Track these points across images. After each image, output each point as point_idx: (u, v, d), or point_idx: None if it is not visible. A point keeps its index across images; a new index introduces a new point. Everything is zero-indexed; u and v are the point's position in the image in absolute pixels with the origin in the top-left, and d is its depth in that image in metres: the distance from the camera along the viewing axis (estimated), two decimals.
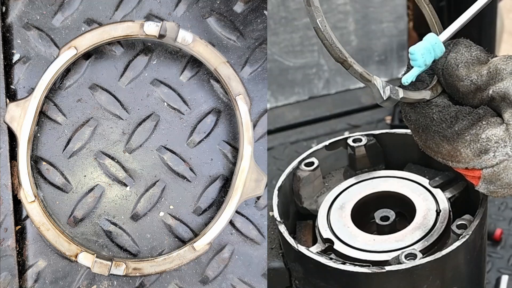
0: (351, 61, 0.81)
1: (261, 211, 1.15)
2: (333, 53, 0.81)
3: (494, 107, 0.85)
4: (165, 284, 1.12)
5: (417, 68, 0.86)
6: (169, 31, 1.09)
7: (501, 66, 0.84)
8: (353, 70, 0.82)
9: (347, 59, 0.81)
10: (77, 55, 1.09)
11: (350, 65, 0.81)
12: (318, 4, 0.80)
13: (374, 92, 0.83)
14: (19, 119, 1.07)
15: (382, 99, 0.83)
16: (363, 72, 0.82)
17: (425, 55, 0.86)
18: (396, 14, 1.99)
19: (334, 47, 0.81)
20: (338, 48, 0.81)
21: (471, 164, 0.84)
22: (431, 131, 0.85)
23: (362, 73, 0.82)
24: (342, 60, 0.81)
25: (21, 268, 1.10)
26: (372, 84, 0.82)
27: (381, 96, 0.83)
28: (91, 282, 1.10)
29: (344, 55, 0.81)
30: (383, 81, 0.83)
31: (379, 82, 0.82)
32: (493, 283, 1.43)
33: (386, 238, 0.93)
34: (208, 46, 1.11)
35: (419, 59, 0.86)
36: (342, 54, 0.81)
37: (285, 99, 2.04)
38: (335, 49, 0.81)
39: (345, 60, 0.81)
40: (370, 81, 0.82)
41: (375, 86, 0.82)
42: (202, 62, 1.12)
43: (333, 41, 0.80)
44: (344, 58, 0.81)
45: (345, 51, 0.81)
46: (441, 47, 0.87)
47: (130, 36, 1.10)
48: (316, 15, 0.80)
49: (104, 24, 1.12)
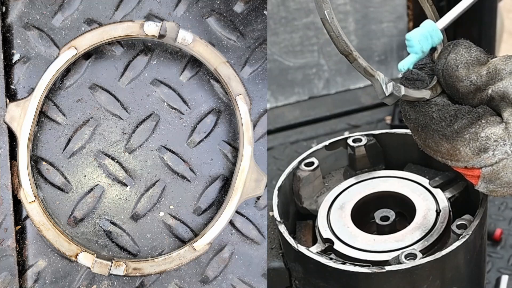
0: (356, 55, 0.81)
1: (261, 211, 1.15)
2: (338, 45, 0.80)
3: (494, 106, 0.85)
4: (165, 284, 1.12)
5: (414, 54, 0.86)
6: (169, 31, 1.09)
7: (500, 66, 0.84)
8: (357, 64, 0.81)
9: (352, 52, 0.81)
10: (77, 55, 1.09)
11: (355, 58, 0.81)
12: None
13: (377, 88, 0.83)
14: (19, 119, 1.07)
15: (384, 95, 0.83)
16: (367, 66, 0.81)
17: (422, 42, 0.85)
18: (396, 14, 2.00)
19: (340, 39, 0.80)
20: (344, 40, 0.80)
21: (470, 163, 0.84)
22: (431, 129, 0.85)
23: (366, 67, 0.81)
24: (347, 53, 0.81)
25: (21, 268, 1.10)
26: (375, 79, 0.82)
27: (383, 92, 0.83)
28: (91, 282, 1.10)
29: (350, 48, 0.80)
30: (386, 77, 0.83)
31: (382, 78, 0.82)
32: (493, 283, 1.43)
33: (386, 238, 0.93)
34: (208, 46, 1.11)
35: (416, 46, 0.85)
36: (348, 47, 0.80)
37: (285, 99, 2.05)
38: (341, 41, 0.80)
39: (350, 53, 0.81)
40: (373, 76, 0.82)
41: (378, 81, 0.82)
42: (202, 62, 1.12)
43: (339, 33, 0.80)
44: (350, 51, 0.81)
45: (350, 44, 0.80)
46: (439, 34, 0.87)
47: (130, 36, 1.10)
48: (324, 6, 0.79)
49: (104, 24, 1.12)
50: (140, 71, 1.15)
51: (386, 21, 2.01)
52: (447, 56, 0.87)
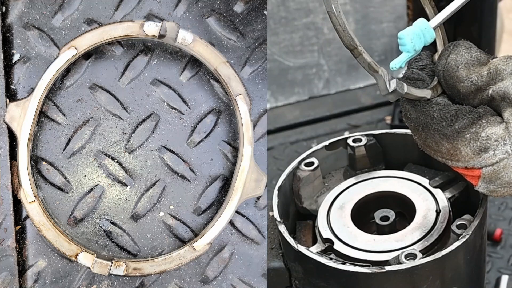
0: (361, 50, 0.81)
1: (261, 211, 1.15)
2: (344, 39, 0.80)
3: (494, 106, 0.85)
4: (165, 284, 1.12)
5: (406, 53, 0.86)
6: (169, 31, 1.09)
7: (501, 66, 0.84)
8: (362, 59, 0.81)
9: (357, 47, 0.80)
10: (77, 55, 1.09)
11: (360, 53, 0.81)
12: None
13: (380, 84, 0.83)
14: (19, 119, 1.07)
15: (387, 91, 0.83)
16: (371, 62, 0.81)
17: (415, 40, 0.85)
18: (396, 14, 2.00)
19: (346, 33, 0.80)
20: (350, 35, 0.80)
21: (470, 163, 0.84)
22: (431, 129, 0.85)
23: (370, 63, 0.81)
24: (352, 47, 0.81)
25: (21, 268, 1.10)
26: (379, 75, 0.82)
27: (386, 88, 0.83)
28: (91, 282, 1.10)
29: (356, 43, 0.80)
30: (389, 74, 0.83)
31: (386, 74, 0.82)
32: (493, 283, 1.43)
33: (386, 238, 0.93)
34: (208, 46, 1.11)
35: (408, 44, 0.85)
36: (354, 41, 0.80)
37: (285, 99, 2.05)
38: (347, 35, 0.80)
39: (356, 48, 0.81)
40: (377, 72, 0.82)
41: (382, 77, 0.82)
42: (202, 62, 1.12)
43: (345, 27, 0.80)
44: (355, 45, 0.80)
45: (356, 39, 0.80)
46: (431, 33, 0.86)
47: (130, 36, 1.10)
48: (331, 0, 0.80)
49: (104, 24, 1.12)
50: (140, 71, 1.15)
51: (386, 21, 2.01)
52: (448, 57, 0.87)
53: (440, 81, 0.88)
